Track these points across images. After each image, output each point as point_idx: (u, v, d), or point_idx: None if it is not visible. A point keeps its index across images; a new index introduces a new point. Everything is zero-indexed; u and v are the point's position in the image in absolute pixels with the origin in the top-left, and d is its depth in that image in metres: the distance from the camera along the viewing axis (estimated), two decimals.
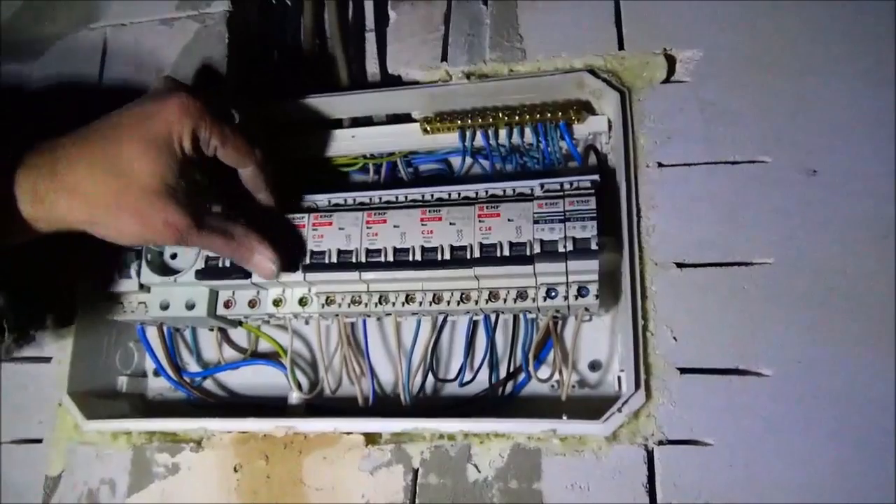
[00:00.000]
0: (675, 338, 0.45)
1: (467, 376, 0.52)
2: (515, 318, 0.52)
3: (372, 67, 0.60)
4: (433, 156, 0.57)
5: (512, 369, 0.52)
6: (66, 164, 0.43)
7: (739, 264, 0.45)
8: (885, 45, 0.47)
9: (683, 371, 0.44)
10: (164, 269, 0.52)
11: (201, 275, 0.50)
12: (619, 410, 0.44)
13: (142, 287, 0.53)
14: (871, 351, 0.42)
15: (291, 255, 0.49)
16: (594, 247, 0.45)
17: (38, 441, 0.53)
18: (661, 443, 0.43)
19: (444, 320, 0.53)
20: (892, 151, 0.45)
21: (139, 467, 0.51)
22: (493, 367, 0.52)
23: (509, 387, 0.52)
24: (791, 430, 0.42)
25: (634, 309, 0.45)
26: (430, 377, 0.53)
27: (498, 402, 0.52)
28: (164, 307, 0.52)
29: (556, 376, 0.50)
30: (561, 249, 0.46)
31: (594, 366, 0.52)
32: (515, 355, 0.52)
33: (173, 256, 0.52)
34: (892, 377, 0.42)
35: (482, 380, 0.52)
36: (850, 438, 0.41)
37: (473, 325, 0.53)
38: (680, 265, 0.46)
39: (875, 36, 0.47)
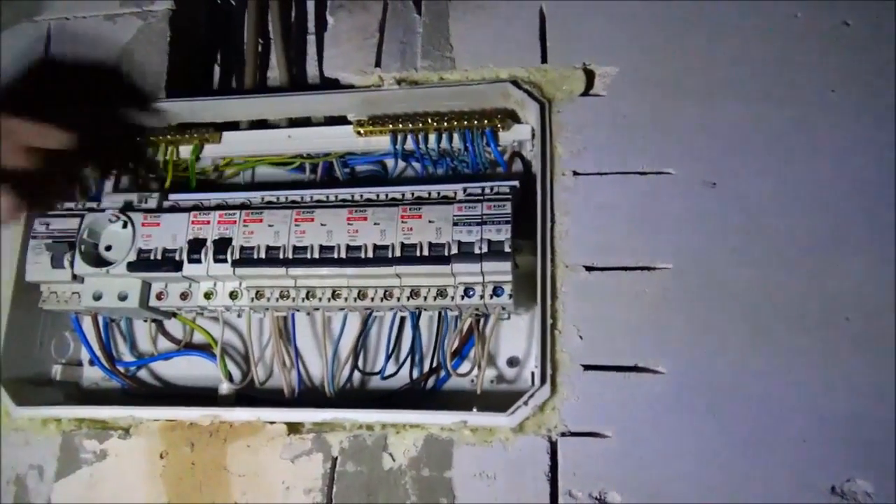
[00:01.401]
0: (581, 336, 0.48)
1: (391, 370, 0.54)
2: (440, 315, 0.54)
3: (312, 70, 0.62)
4: (368, 157, 0.59)
5: (434, 365, 0.54)
6: None
7: (642, 268, 0.48)
8: (782, 69, 0.51)
9: (587, 368, 0.47)
10: (98, 261, 0.53)
11: (133, 267, 0.52)
12: (525, 404, 0.46)
13: (75, 277, 0.54)
14: (757, 352, 0.46)
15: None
16: (507, 249, 0.48)
17: None
18: (563, 434, 0.46)
19: (372, 316, 0.55)
20: (784, 168, 0.49)
21: (68, 453, 0.52)
22: (417, 362, 0.54)
23: (434, 381, 0.55)
24: (680, 423, 0.45)
25: (544, 309, 0.48)
26: (358, 371, 0.56)
27: (421, 395, 0.55)
28: (97, 298, 0.53)
29: (476, 371, 0.53)
30: (477, 251, 0.48)
31: (512, 362, 0.54)
32: (439, 351, 0.54)
33: (108, 248, 0.54)
34: (773, 376, 0.45)
35: (407, 374, 0.54)
36: (734, 432, 0.45)
37: (401, 322, 0.55)
38: (589, 268, 0.49)
39: (772, 61, 0.51)
